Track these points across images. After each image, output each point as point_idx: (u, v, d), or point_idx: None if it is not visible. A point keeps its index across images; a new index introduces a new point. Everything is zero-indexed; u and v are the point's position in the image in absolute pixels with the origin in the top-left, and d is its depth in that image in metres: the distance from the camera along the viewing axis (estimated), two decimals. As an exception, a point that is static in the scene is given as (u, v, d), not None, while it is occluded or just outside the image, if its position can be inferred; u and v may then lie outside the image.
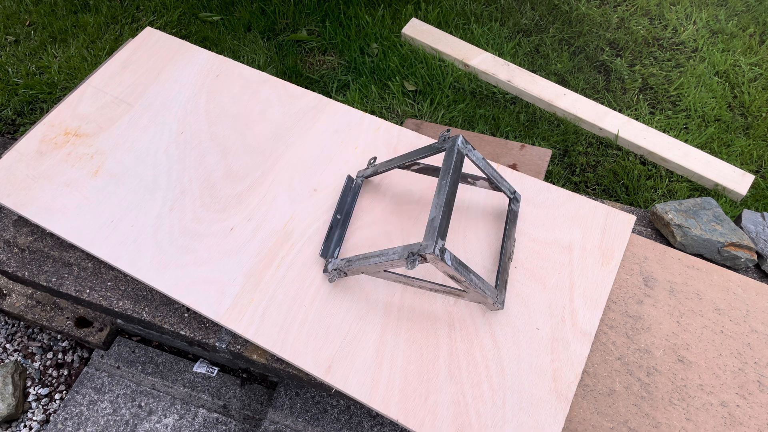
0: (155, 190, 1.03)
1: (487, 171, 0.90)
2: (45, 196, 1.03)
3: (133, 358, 1.30)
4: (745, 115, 1.77)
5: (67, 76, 1.88)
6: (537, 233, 0.97)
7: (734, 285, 0.99)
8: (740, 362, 0.91)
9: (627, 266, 1.01)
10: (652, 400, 0.88)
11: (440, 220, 0.73)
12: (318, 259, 0.95)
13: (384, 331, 0.88)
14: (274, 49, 1.96)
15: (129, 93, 1.18)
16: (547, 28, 2.00)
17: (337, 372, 0.85)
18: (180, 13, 2.08)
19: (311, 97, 1.16)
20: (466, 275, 0.76)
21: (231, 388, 1.25)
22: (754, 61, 1.88)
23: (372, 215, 1.00)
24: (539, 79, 1.81)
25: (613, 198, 1.62)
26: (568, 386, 0.83)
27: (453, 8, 2.04)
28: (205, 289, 0.92)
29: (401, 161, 0.94)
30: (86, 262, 1.10)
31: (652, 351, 0.92)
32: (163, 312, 1.05)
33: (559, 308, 0.90)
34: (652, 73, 1.88)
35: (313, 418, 1.11)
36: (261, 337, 0.88)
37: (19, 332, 1.45)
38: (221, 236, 0.97)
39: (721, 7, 2.04)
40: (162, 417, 1.21)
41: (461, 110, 1.77)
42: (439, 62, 1.88)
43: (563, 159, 1.70)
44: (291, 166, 1.06)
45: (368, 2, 2.07)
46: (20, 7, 2.14)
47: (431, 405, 0.82)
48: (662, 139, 1.67)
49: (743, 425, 0.86)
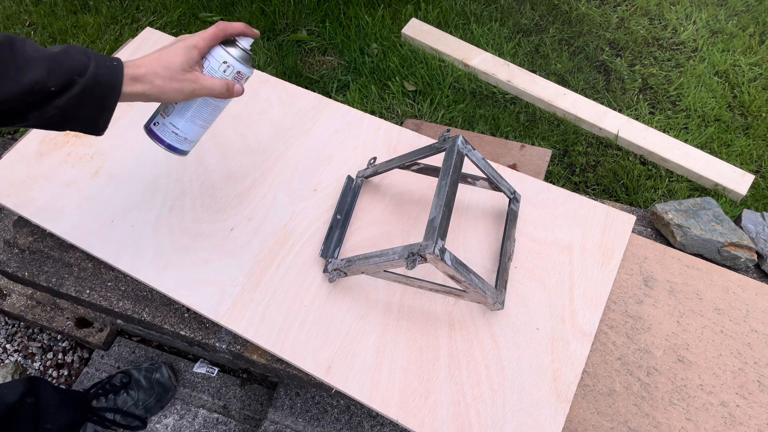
0: (155, 190, 1.03)
1: (487, 171, 0.90)
2: (45, 196, 1.04)
3: (134, 359, 1.30)
4: (745, 115, 1.77)
5: (67, 76, 1.88)
6: (537, 233, 0.97)
7: (734, 285, 0.99)
8: (740, 362, 0.91)
9: (627, 266, 1.01)
10: (652, 400, 0.88)
11: (440, 220, 0.73)
12: (318, 259, 0.95)
13: (384, 331, 0.88)
14: (274, 49, 1.96)
15: (129, 93, 1.18)
16: (547, 28, 2.00)
17: (337, 372, 0.85)
18: (180, 13, 2.08)
19: (311, 97, 1.16)
20: (466, 275, 0.76)
21: (231, 388, 1.25)
22: (754, 61, 1.88)
23: (372, 215, 1.00)
24: (539, 79, 1.81)
25: (613, 198, 1.62)
26: (568, 386, 0.83)
27: (453, 8, 2.04)
28: (205, 290, 0.92)
29: (401, 161, 0.94)
30: (86, 263, 1.10)
31: (652, 351, 0.92)
32: (163, 312, 1.05)
33: (559, 308, 0.90)
34: (652, 73, 1.88)
35: (313, 418, 1.11)
36: (261, 337, 0.88)
37: (19, 332, 1.45)
38: (221, 236, 0.97)
39: (721, 7, 2.04)
40: (162, 417, 1.21)
41: (461, 110, 1.78)
42: (439, 62, 1.88)
43: (563, 159, 1.70)
44: (291, 166, 1.06)
45: (368, 2, 2.07)
46: (20, 8, 2.14)
47: (431, 405, 0.82)
48: (662, 139, 1.67)
49: (743, 425, 0.86)
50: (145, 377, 1.19)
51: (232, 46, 0.73)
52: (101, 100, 0.64)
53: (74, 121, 0.65)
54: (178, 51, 0.68)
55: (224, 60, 0.72)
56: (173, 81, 0.67)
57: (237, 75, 0.74)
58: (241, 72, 0.74)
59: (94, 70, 0.62)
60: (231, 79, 0.74)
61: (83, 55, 0.63)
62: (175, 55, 0.68)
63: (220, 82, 0.72)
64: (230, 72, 0.73)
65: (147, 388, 1.17)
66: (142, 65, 0.66)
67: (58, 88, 0.60)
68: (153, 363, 1.23)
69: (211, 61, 0.72)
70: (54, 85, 0.60)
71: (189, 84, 0.69)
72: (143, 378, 1.19)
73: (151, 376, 1.19)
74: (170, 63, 0.67)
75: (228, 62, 0.72)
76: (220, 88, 0.72)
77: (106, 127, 0.68)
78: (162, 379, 1.19)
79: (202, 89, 0.70)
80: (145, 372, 1.20)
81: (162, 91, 0.67)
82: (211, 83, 0.71)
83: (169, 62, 0.67)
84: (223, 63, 0.72)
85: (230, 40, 0.73)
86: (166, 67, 0.67)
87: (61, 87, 0.60)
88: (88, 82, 0.62)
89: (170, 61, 0.67)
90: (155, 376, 1.19)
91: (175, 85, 0.68)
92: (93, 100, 0.63)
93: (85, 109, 0.64)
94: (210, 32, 0.70)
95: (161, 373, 1.20)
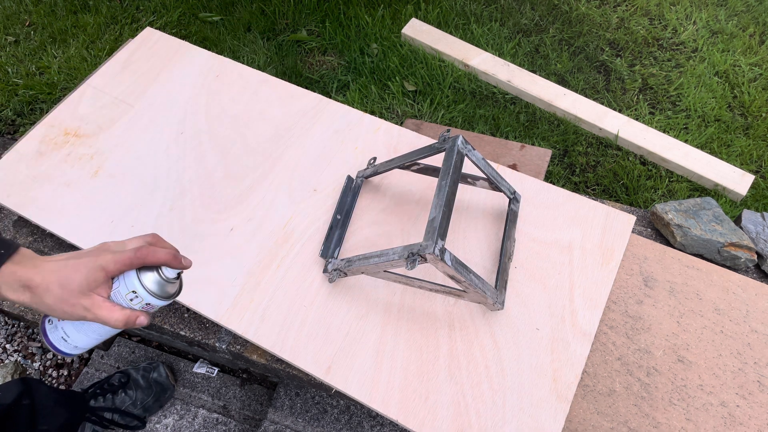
0: (155, 190, 1.03)
1: (487, 171, 0.90)
2: (45, 196, 1.03)
3: (133, 359, 1.30)
4: (745, 115, 1.77)
5: (66, 76, 1.89)
6: (537, 233, 0.97)
7: (734, 285, 0.98)
8: (740, 362, 0.91)
9: (627, 266, 1.00)
10: (652, 400, 0.88)
11: (440, 220, 0.73)
12: (318, 259, 0.95)
13: (384, 332, 0.88)
14: (274, 49, 1.96)
15: (129, 93, 1.18)
16: (547, 28, 2.00)
17: (337, 372, 0.85)
18: (180, 13, 2.08)
19: (311, 97, 1.16)
20: (466, 275, 0.76)
21: (231, 388, 1.25)
22: (754, 61, 1.88)
23: (372, 215, 1.00)
24: (539, 79, 1.81)
25: (613, 198, 1.62)
26: (568, 386, 0.83)
27: (453, 8, 2.04)
28: (205, 290, 0.92)
29: (401, 161, 0.94)
30: (86, 263, 1.09)
31: (652, 351, 0.92)
32: (163, 312, 1.05)
33: (559, 308, 0.89)
34: (652, 73, 1.88)
35: (313, 418, 1.11)
36: (261, 337, 0.88)
37: (19, 332, 1.44)
38: (221, 236, 0.97)
39: (721, 7, 2.04)
40: (162, 417, 1.21)
41: (461, 110, 1.77)
42: (439, 62, 1.88)
43: (563, 159, 1.70)
44: (291, 166, 1.06)
45: (368, 2, 2.07)
46: (20, 8, 2.14)
47: (431, 405, 0.82)
48: (662, 139, 1.67)
49: (743, 425, 0.86)
50: (143, 377, 1.19)
51: (150, 272, 0.61)
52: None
53: None
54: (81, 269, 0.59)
55: (133, 289, 0.61)
56: (63, 303, 0.58)
57: (146, 306, 0.62)
58: (150, 304, 0.62)
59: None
60: (138, 308, 0.62)
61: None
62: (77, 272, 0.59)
63: (119, 315, 0.60)
64: (137, 302, 0.61)
65: (145, 388, 1.17)
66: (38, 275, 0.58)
67: None
68: (151, 362, 1.23)
69: (120, 286, 0.61)
70: None
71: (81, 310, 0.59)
72: (141, 378, 1.18)
73: (149, 376, 1.19)
74: (68, 282, 0.58)
75: (137, 293, 0.61)
76: (116, 322, 0.60)
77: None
78: (160, 378, 1.19)
79: (95, 319, 0.60)
80: (143, 372, 1.20)
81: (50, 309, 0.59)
82: (106, 315, 0.59)
83: (68, 281, 0.58)
84: (131, 292, 0.61)
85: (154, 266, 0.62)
86: (61, 285, 0.58)
87: None
88: None
89: (69, 280, 0.58)
90: (153, 375, 1.19)
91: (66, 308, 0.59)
92: None
93: None
94: (125, 257, 0.60)
95: (159, 373, 1.20)
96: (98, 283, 0.60)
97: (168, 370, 1.22)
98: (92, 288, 0.59)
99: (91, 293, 0.59)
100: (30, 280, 0.58)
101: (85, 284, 0.59)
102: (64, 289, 0.58)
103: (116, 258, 0.60)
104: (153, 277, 0.62)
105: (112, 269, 0.60)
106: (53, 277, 0.58)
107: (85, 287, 0.59)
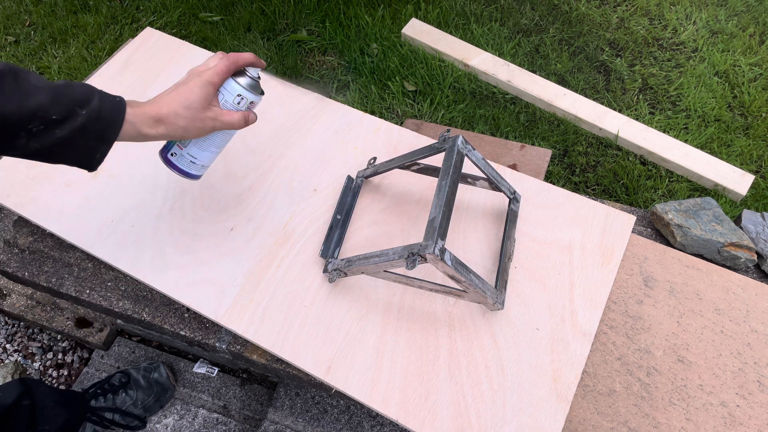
0: (155, 190, 1.03)
1: (487, 171, 0.90)
2: (45, 196, 1.03)
3: (133, 359, 1.30)
4: (745, 115, 1.77)
5: (67, 76, 1.89)
6: (537, 233, 0.97)
7: (734, 285, 0.99)
8: (740, 362, 0.91)
9: (627, 266, 1.01)
10: (652, 400, 0.88)
11: (440, 220, 0.73)
12: (318, 259, 0.95)
13: (384, 331, 0.88)
14: (274, 49, 1.96)
15: (129, 93, 1.18)
16: (547, 28, 2.00)
17: (337, 372, 0.85)
18: (180, 13, 2.08)
19: (311, 97, 1.16)
20: (466, 275, 0.76)
21: (231, 388, 1.25)
22: (754, 61, 1.88)
23: (372, 215, 1.00)
24: (539, 79, 1.81)
25: (613, 198, 1.62)
26: (568, 386, 0.83)
27: (453, 8, 2.04)
28: (205, 290, 0.92)
29: (401, 161, 0.94)
30: (86, 263, 1.10)
31: (652, 351, 0.92)
32: (163, 312, 1.05)
33: (559, 308, 0.90)
34: (652, 73, 1.88)
35: (313, 418, 1.11)
36: (261, 337, 0.88)
37: (19, 332, 1.45)
38: (221, 236, 0.97)
39: (721, 7, 2.04)
40: (162, 417, 1.21)
41: (461, 110, 1.78)
42: (439, 62, 1.88)
43: (563, 159, 1.70)
44: (291, 166, 1.06)
45: (368, 2, 2.08)
46: (20, 8, 2.14)
47: (431, 405, 0.82)
48: (662, 139, 1.67)
49: (743, 425, 0.86)
50: (144, 377, 1.19)
51: (242, 77, 0.74)
52: (102, 133, 0.63)
53: (70, 154, 0.63)
54: (195, 89, 0.68)
55: (238, 93, 0.73)
56: (195, 120, 0.68)
57: (250, 105, 0.76)
58: (254, 102, 0.76)
59: (97, 104, 0.62)
60: (245, 109, 0.75)
61: (87, 89, 0.62)
62: (194, 93, 0.67)
63: (238, 116, 0.73)
64: (244, 103, 0.75)
65: (145, 388, 1.17)
66: (163, 105, 0.66)
67: (60, 117, 0.59)
68: (151, 362, 1.23)
69: (225, 95, 0.73)
70: (56, 114, 0.59)
71: (210, 122, 0.70)
72: (141, 378, 1.19)
73: (150, 376, 1.19)
74: (191, 102, 0.67)
75: (242, 95, 0.74)
76: (239, 122, 0.73)
77: (101, 163, 0.66)
78: (160, 378, 1.19)
79: (222, 125, 0.72)
80: (143, 371, 1.20)
81: (186, 131, 0.68)
82: (230, 119, 0.72)
83: (190, 101, 0.67)
84: (237, 96, 0.73)
85: (239, 70, 0.74)
86: (187, 107, 0.67)
87: (62, 117, 0.59)
88: (91, 115, 0.61)
89: (190, 101, 0.67)
90: (153, 375, 1.19)
91: (198, 124, 0.68)
92: (93, 133, 0.62)
93: (84, 143, 0.62)
94: (222, 66, 0.70)
95: (159, 373, 1.20)
96: (211, 96, 0.70)
97: (168, 370, 1.22)
98: (209, 101, 0.69)
99: (210, 106, 0.70)
100: (158, 113, 0.66)
101: (204, 100, 0.68)
102: (189, 109, 0.67)
103: (215, 70, 0.70)
104: (246, 80, 0.74)
105: (217, 81, 0.70)
106: (175, 104, 0.67)
107: (206, 102, 0.69)
